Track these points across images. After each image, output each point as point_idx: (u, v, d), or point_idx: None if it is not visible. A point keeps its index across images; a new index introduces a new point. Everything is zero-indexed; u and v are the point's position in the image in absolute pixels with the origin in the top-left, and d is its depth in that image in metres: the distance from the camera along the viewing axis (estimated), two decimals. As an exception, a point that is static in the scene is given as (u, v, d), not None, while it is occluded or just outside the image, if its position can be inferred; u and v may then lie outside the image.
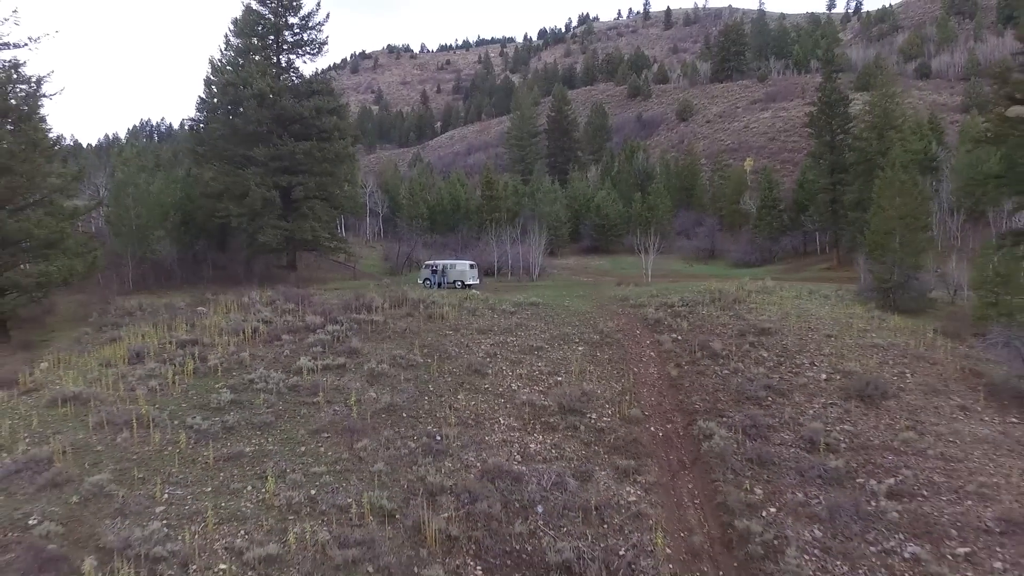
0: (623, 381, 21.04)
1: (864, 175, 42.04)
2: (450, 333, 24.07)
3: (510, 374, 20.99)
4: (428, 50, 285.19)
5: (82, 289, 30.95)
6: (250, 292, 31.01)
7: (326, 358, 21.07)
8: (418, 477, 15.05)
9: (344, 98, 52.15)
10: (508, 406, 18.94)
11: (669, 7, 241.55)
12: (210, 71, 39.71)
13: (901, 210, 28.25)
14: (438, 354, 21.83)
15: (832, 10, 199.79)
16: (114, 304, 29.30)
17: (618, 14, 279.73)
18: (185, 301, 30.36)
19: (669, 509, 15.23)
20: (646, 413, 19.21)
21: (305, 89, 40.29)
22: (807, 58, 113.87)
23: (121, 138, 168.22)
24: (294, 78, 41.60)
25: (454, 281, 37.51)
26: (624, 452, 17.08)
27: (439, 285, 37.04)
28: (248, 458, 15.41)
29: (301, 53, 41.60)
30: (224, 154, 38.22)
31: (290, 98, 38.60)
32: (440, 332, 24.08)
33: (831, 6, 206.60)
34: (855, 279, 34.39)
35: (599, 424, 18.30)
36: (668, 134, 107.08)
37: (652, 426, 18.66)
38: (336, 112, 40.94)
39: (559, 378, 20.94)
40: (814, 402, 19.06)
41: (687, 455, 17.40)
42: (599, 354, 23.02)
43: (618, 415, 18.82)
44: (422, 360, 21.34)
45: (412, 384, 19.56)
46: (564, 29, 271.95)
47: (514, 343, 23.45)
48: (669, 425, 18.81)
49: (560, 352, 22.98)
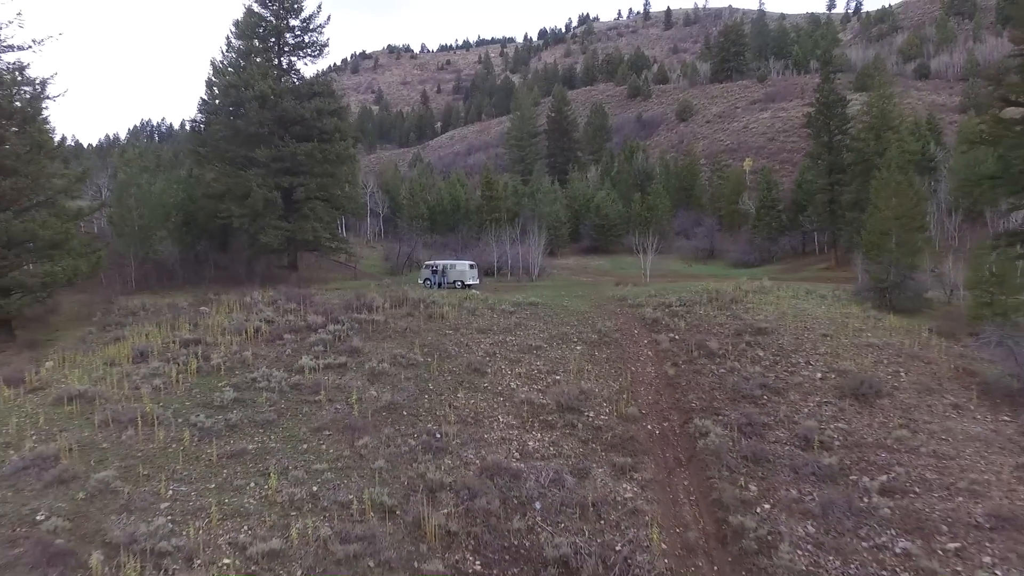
0: (620, 380, 21.24)
1: (862, 175, 42.23)
2: (450, 333, 24.28)
3: (509, 373, 21.18)
4: (428, 50, 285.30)
5: (85, 289, 31.17)
6: (252, 292, 31.21)
7: (327, 357, 21.28)
8: (418, 474, 15.24)
9: (344, 98, 52.49)
10: (507, 404, 19.14)
11: (669, 7, 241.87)
12: (212, 72, 40.04)
13: (897, 210, 28.49)
14: (438, 353, 22.04)
15: (832, 10, 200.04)
16: (117, 304, 29.55)
17: (618, 14, 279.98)
18: (187, 301, 30.56)
19: (665, 505, 15.43)
20: (643, 411, 19.41)
21: (306, 91, 40.52)
22: (807, 58, 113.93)
23: (121, 138, 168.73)
24: (295, 80, 41.85)
25: (454, 281, 37.71)
26: (621, 450, 17.27)
27: (439, 285, 37.24)
28: (251, 455, 15.62)
29: (302, 55, 41.91)
30: (226, 155, 38.47)
31: (291, 100, 38.83)
32: (440, 332, 24.28)
33: (831, 6, 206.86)
34: (853, 279, 34.51)
35: (596, 422, 18.48)
36: (668, 134, 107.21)
37: (649, 424, 18.86)
38: (337, 114, 41.21)
39: (557, 377, 21.14)
40: (809, 400, 19.24)
41: (683, 452, 17.61)
42: (597, 353, 23.23)
43: (615, 413, 19.01)
44: (422, 359, 21.55)
45: (412, 383, 19.76)
46: (564, 29, 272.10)
47: (513, 342, 23.64)
48: (666, 423, 19.03)
49: (559, 351, 23.18)
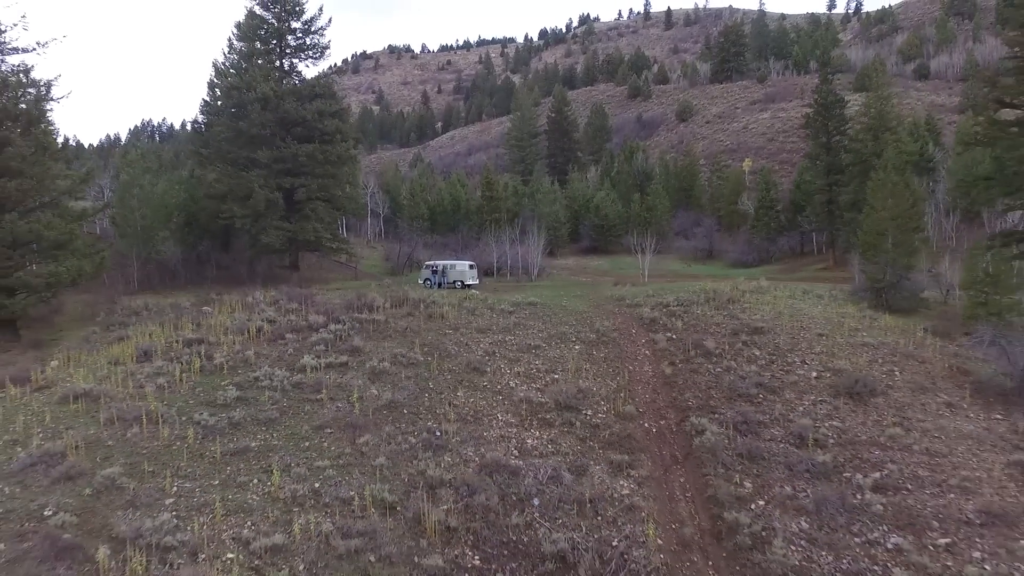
0: (618, 379, 21.47)
1: (859, 176, 42.37)
2: (450, 332, 24.51)
3: (508, 372, 21.40)
4: (429, 50, 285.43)
5: (88, 289, 31.41)
6: (254, 292, 31.43)
7: (329, 356, 21.51)
8: (418, 471, 15.48)
9: (345, 98, 52.75)
10: (506, 403, 19.37)
11: (670, 7, 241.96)
12: (213, 74, 40.28)
13: (893, 211, 28.70)
14: (438, 352, 22.27)
15: (832, 11, 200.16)
16: (120, 304, 29.80)
17: (619, 14, 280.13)
18: (190, 301, 30.79)
19: (661, 502, 15.67)
20: (640, 410, 19.65)
21: (308, 92, 40.74)
22: (806, 59, 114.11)
23: (122, 139, 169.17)
24: (296, 81, 42.09)
25: (454, 281, 37.94)
26: (618, 447, 17.51)
27: (439, 285, 37.47)
28: (254, 453, 15.87)
29: (304, 57, 42.19)
30: (228, 156, 38.72)
31: (293, 101, 39.06)
32: (440, 331, 24.51)
33: (831, 6, 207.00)
34: (850, 279, 34.66)
35: (594, 420, 18.72)
36: (668, 135, 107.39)
37: (646, 422, 19.10)
38: (338, 115, 41.45)
39: (556, 376, 21.38)
40: (804, 399, 19.47)
41: (679, 450, 17.85)
42: (595, 352, 23.46)
43: (613, 412, 19.24)
44: (422, 358, 21.78)
45: (413, 381, 20.00)
46: (565, 29, 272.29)
47: (512, 342, 23.87)
48: (662, 421, 19.27)
49: (557, 351, 23.42)
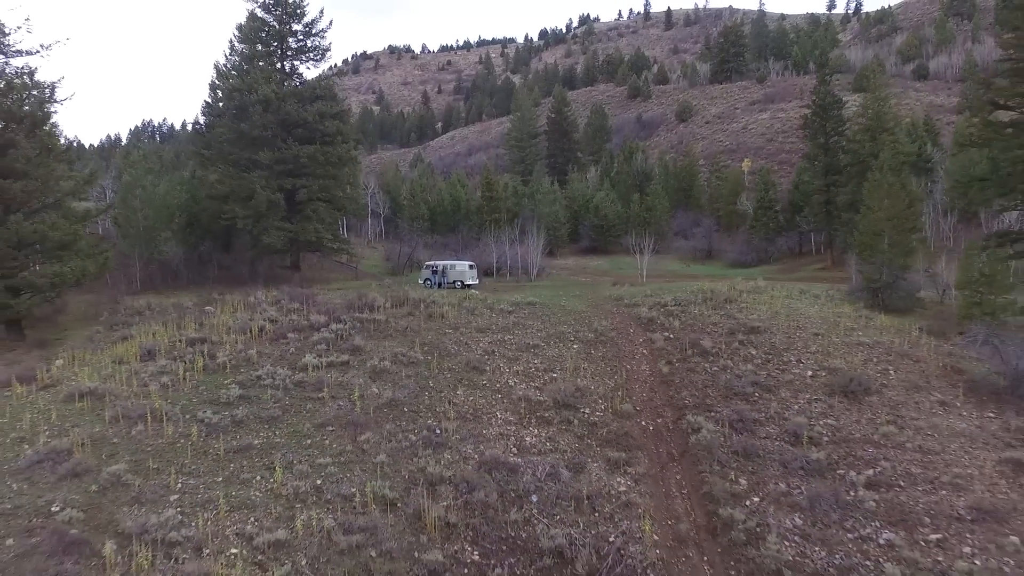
0: (616, 377, 21.71)
1: (857, 177, 42.55)
2: (450, 332, 24.74)
3: (507, 371, 21.63)
4: (429, 50, 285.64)
5: (92, 289, 31.63)
6: (256, 292, 31.66)
7: (330, 355, 21.76)
8: (418, 468, 15.72)
9: (346, 99, 52.92)
10: (505, 401, 19.61)
11: (669, 8, 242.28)
12: (215, 76, 40.51)
13: (889, 212, 28.89)
14: (438, 352, 22.50)
15: (832, 11, 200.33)
16: (123, 304, 30.03)
17: (619, 15, 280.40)
18: (192, 301, 31.03)
19: (657, 498, 15.92)
20: (637, 408, 19.90)
21: (309, 94, 40.96)
22: (806, 59, 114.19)
23: (123, 139, 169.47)
24: (298, 83, 42.32)
25: (454, 281, 38.17)
26: (615, 445, 17.75)
27: (439, 285, 37.69)
28: (257, 450, 16.12)
29: (305, 59, 42.40)
30: (230, 157, 38.95)
31: (294, 103, 39.28)
32: (440, 331, 24.74)
33: (831, 7, 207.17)
34: (847, 279, 34.84)
35: (592, 418, 18.96)
36: (667, 135, 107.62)
37: (643, 420, 19.34)
38: (339, 116, 41.67)
39: (554, 375, 21.61)
40: (799, 397, 19.68)
41: (676, 448, 18.09)
42: (593, 352, 23.70)
43: (610, 410, 19.48)
44: (422, 357, 22.01)
45: (413, 380, 20.24)
46: (565, 30, 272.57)
47: (511, 341, 24.10)
48: (659, 419, 19.51)
49: (556, 350, 23.65)
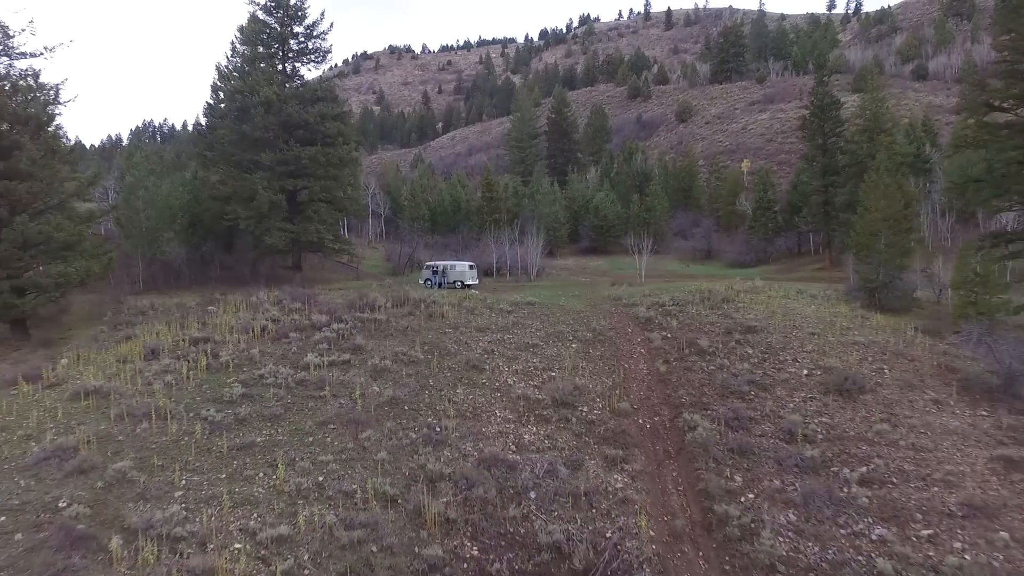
0: (614, 376, 21.96)
1: (855, 177, 42.69)
2: (450, 331, 24.98)
3: (506, 370, 21.87)
4: (429, 50, 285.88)
5: (95, 289, 31.87)
6: (258, 292, 31.89)
7: (332, 354, 22.02)
8: (419, 465, 16.00)
9: (346, 99, 53.16)
10: (504, 400, 19.87)
11: (670, 8, 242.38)
12: (217, 77, 40.78)
13: (886, 212, 29.13)
14: (438, 351, 22.74)
15: (832, 11, 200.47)
16: (127, 304, 30.29)
17: (619, 15, 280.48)
18: (195, 301, 31.28)
19: (654, 495, 16.19)
20: (635, 406, 20.15)
21: (310, 96, 41.17)
22: (805, 60, 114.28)
23: (124, 139, 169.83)
24: (299, 85, 42.53)
25: (454, 281, 38.41)
26: (613, 443, 18.02)
27: (439, 285, 37.92)
28: (259, 447, 16.40)
29: (306, 61, 42.60)
30: (232, 158, 39.18)
31: (295, 105, 39.50)
32: (440, 330, 24.98)
33: (831, 7, 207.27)
34: (845, 279, 35.11)
35: (590, 416, 19.23)
36: (667, 135, 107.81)
37: (640, 418, 19.60)
38: (340, 118, 41.91)
39: (553, 373, 21.86)
40: (794, 396, 19.92)
41: (672, 445, 18.35)
42: (591, 351, 23.94)
43: (608, 408, 19.74)
44: (423, 356, 22.26)
45: (413, 379, 20.50)
46: (565, 30, 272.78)
47: (511, 340, 24.34)
48: (656, 417, 19.77)
49: (554, 349, 23.90)
